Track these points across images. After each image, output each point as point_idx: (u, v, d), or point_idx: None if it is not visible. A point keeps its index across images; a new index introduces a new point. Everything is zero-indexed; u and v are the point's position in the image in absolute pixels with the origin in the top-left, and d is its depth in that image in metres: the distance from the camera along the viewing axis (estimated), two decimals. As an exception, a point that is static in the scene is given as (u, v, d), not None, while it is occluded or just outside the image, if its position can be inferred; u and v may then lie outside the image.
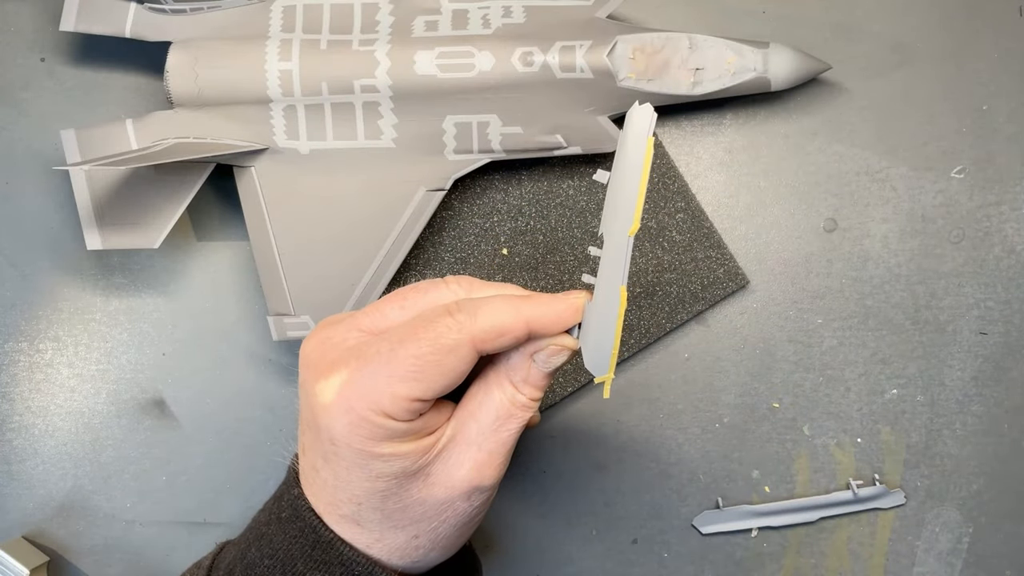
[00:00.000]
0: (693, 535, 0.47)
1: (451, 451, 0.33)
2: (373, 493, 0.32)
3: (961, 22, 0.47)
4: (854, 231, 0.47)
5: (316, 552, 0.34)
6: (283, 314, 0.44)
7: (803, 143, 0.47)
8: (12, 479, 0.47)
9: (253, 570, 0.35)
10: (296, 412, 0.47)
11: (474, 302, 0.32)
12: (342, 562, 0.34)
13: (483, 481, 0.33)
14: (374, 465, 0.32)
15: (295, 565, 0.34)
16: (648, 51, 0.42)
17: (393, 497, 0.33)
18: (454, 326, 0.31)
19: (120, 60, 0.47)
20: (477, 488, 0.33)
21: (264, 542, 0.35)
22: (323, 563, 0.34)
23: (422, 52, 0.42)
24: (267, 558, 0.34)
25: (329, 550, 0.34)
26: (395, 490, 0.32)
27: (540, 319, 0.32)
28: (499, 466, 0.34)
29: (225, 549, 0.38)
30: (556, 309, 0.32)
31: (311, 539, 0.34)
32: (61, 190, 0.47)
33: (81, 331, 0.47)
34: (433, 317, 0.31)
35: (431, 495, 0.33)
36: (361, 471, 0.32)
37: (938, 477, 0.47)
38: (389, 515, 0.33)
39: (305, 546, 0.34)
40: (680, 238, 0.46)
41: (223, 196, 0.47)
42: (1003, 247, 0.46)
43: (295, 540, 0.34)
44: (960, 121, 0.46)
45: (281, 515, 0.35)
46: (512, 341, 0.32)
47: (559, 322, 0.32)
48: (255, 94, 0.42)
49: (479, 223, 0.46)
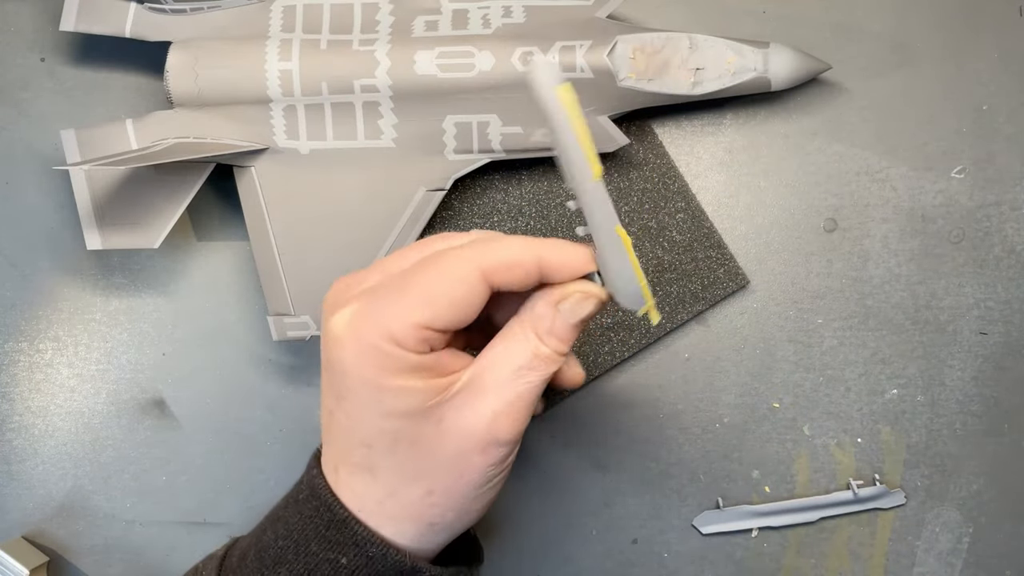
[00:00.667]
0: (693, 535, 0.47)
1: (466, 398, 0.32)
2: (384, 433, 0.32)
3: (961, 22, 0.47)
4: (854, 231, 0.47)
5: (330, 532, 0.33)
6: (283, 314, 0.44)
7: (803, 143, 0.47)
8: (12, 479, 0.47)
9: (267, 552, 0.34)
10: (296, 412, 0.47)
11: (487, 236, 0.33)
12: (356, 542, 0.33)
13: (499, 434, 0.32)
14: (385, 399, 0.31)
15: (309, 545, 0.34)
16: (648, 51, 0.42)
17: (404, 441, 0.32)
18: (464, 256, 0.31)
19: (120, 60, 0.47)
20: (493, 441, 0.32)
21: (279, 524, 0.35)
22: (337, 543, 0.33)
23: (422, 52, 0.42)
24: (281, 539, 0.34)
25: (343, 529, 0.33)
26: (407, 432, 0.32)
27: (551, 257, 0.32)
28: (516, 420, 0.32)
29: (238, 541, 0.38)
30: (568, 251, 0.32)
31: (326, 518, 0.34)
32: (61, 190, 0.47)
33: (81, 331, 0.47)
34: (446, 250, 0.32)
35: (444, 443, 0.32)
36: (372, 408, 0.32)
37: (938, 477, 0.47)
38: (401, 463, 0.32)
39: (320, 526, 0.34)
40: (680, 238, 0.46)
41: (223, 196, 0.47)
42: (1003, 247, 0.46)
43: (310, 520, 0.34)
44: (960, 121, 0.46)
45: (299, 496, 0.35)
46: (523, 276, 0.32)
47: (571, 263, 0.32)
48: (255, 94, 0.42)
49: (479, 223, 0.46)
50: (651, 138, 0.46)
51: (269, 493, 0.47)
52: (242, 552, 0.36)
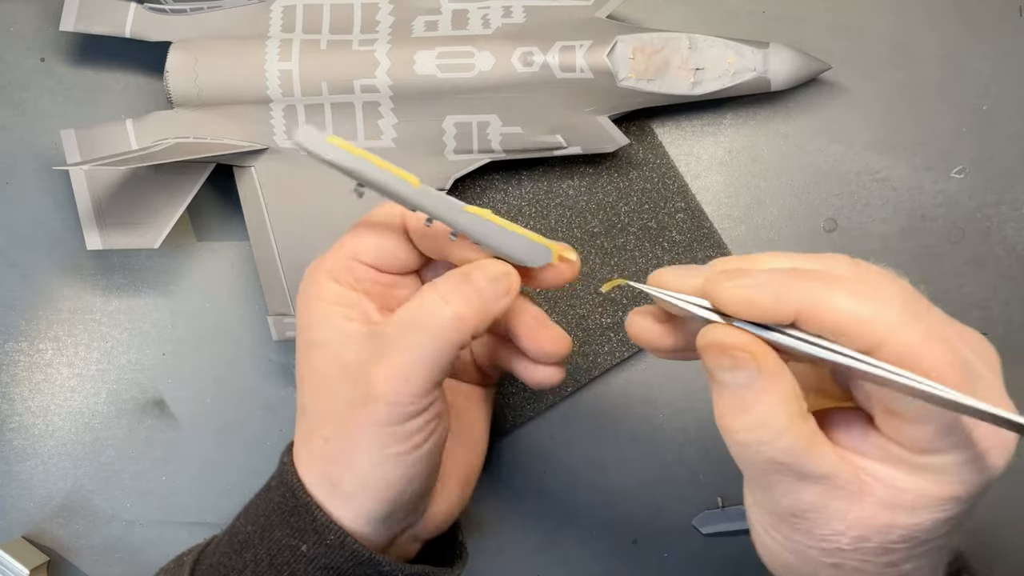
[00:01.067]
0: (693, 535, 0.47)
1: (365, 346, 0.33)
2: (308, 368, 0.34)
3: (961, 22, 0.47)
4: (854, 231, 0.47)
5: (293, 518, 0.34)
6: (283, 314, 0.44)
7: (803, 143, 0.47)
8: (12, 479, 0.47)
9: (237, 536, 0.35)
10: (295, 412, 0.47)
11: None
12: (315, 529, 0.33)
13: (378, 387, 0.31)
14: (310, 330, 0.34)
15: (273, 532, 0.34)
16: (648, 51, 0.42)
17: (318, 379, 0.34)
18: (385, 205, 0.35)
19: (120, 60, 0.47)
20: (373, 395, 0.31)
21: (249, 510, 0.36)
22: (299, 530, 0.33)
23: (422, 52, 0.42)
24: (250, 524, 0.35)
25: (304, 515, 0.33)
26: (319, 369, 0.34)
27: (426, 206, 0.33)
28: (400, 378, 0.31)
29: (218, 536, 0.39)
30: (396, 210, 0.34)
31: (290, 504, 0.34)
32: (61, 190, 0.47)
33: (81, 331, 0.47)
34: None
35: (340, 389, 0.33)
36: (301, 339, 0.35)
37: (938, 477, 0.47)
38: (314, 402, 0.34)
39: (284, 511, 0.34)
40: (680, 238, 0.46)
41: (223, 196, 0.47)
42: (1003, 247, 0.46)
43: (277, 507, 0.34)
44: (960, 121, 0.46)
45: (271, 484, 0.36)
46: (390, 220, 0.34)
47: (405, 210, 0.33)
48: (255, 94, 0.42)
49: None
50: (651, 138, 0.46)
51: (269, 493, 0.47)
52: (219, 539, 0.37)
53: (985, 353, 0.28)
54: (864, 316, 0.25)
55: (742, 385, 0.27)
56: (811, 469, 0.26)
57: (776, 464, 0.27)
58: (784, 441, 0.26)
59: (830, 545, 0.28)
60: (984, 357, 0.28)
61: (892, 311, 0.25)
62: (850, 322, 0.25)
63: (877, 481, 0.27)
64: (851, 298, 0.25)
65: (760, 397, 0.26)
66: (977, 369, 0.27)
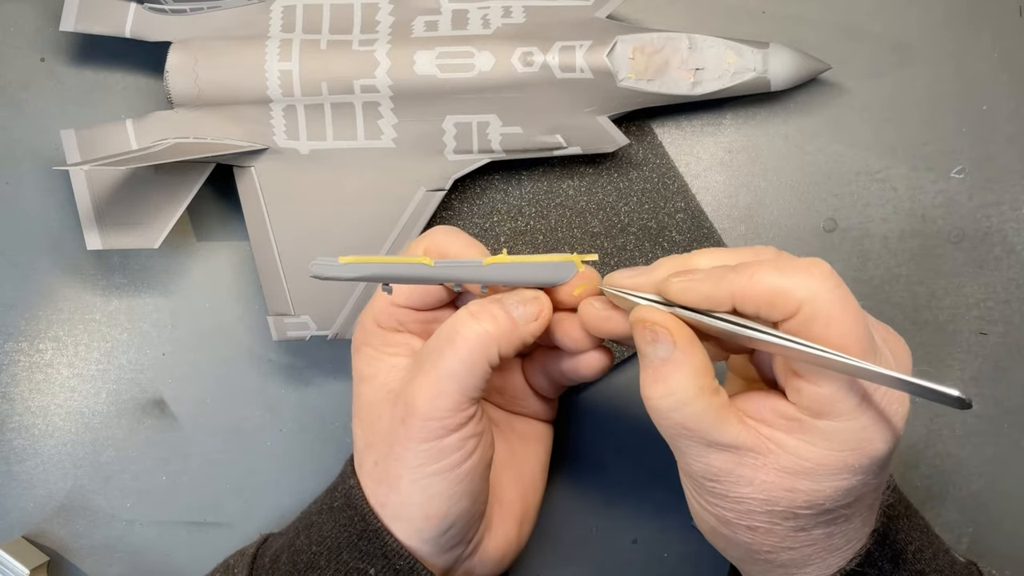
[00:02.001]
0: (693, 535, 0.47)
1: (407, 369, 0.36)
2: (358, 398, 0.37)
3: (961, 22, 0.47)
4: (854, 231, 0.47)
5: (362, 542, 0.35)
6: (283, 314, 0.44)
7: (803, 143, 0.47)
8: (12, 479, 0.47)
9: (300, 556, 0.36)
10: (295, 412, 0.47)
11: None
12: (385, 554, 0.34)
13: (415, 403, 0.33)
14: (359, 364, 0.37)
15: (340, 554, 0.35)
16: (648, 51, 0.42)
17: (367, 406, 0.36)
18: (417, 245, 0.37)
19: (120, 60, 0.47)
20: (411, 411, 0.33)
21: (313, 530, 0.36)
22: (367, 554, 0.34)
23: (422, 52, 0.42)
24: (315, 544, 0.36)
25: (375, 540, 0.34)
26: (367, 397, 0.36)
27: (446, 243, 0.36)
28: (434, 394, 0.33)
29: (269, 539, 0.39)
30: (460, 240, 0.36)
31: (359, 528, 0.35)
32: (61, 190, 0.47)
33: (81, 331, 0.47)
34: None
35: (384, 412, 0.35)
36: (356, 376, 0.38)
37: (938, 477, 0.47)
38: (364, 429, 0.36)
39: (352, 535, 0.35)
40: (680, 238, 0.46)
41: (223, 196, 0.47)
42: (1003, 247, 0.46)
43: (344, 528, 0.35)
44: (960, 121, 0.46)
45: (333, 504, 0.36)
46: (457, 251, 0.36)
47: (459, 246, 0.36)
48: (255, 94, 0.42)
49: (479, 223, 0.46)
50: (651, 138, 0.46)
51: (269, 493, 0.47)
52: (275, 554, 0.37)
53: (899, 351, 0.32)
54: (786, 286, 0.29)
55: (660, 358, 0.31)
56: (717, 436, 0.30)
57: (685, 429, 0.30)
58: (691, 408, 0.30)
59: (742, 507, 0.31)
60: (898, 354, 0.31)
61: (812, 280, 0.29)
62: (775, 293, 0.29)
63: (781, 449, 0.30)
64: (774, 273, 0.29)
65: (674, 369, 0.30)
66: (887, 356, 0.30)
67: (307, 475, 0.47)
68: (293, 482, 0.47)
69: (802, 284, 0.28)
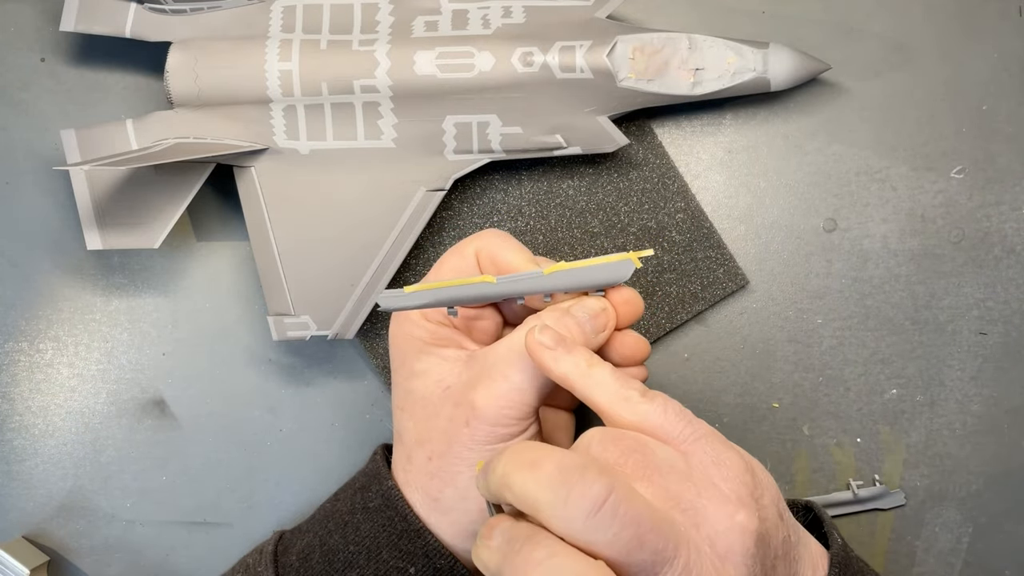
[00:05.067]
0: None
1: (465, 369, 0.36)
2: (407, 394, 0.37)
3: (961, 22, 0.47)
4: (854, 231, 0.47)
5: (403, 542, 0.36)
6: (283, 314, 0.44)
7: (803, 143, 0.47)
8: (12, 479, 0.47)
9: (336, 556, 0.36)
10: (295, 412, 0.47)
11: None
12: (426, 553, 0.35)
13: (479, 406, 0.34)
14: (407, 360, 0.38)
15: (380, 553, 0.36)
16: (648, 51, 0.42)
17: (418, 402, 0.37)
18: (465, 243, 0.38)
19: (120, 60, 0.47)
20: (474, 413, 0.34)
21: (349, 530, 0.37)
22: (408, 553, 0.35)
23: (422, 52, 0.42)
24: (352, 544, 0.36)
25: (416, 539, 0.35)
26: (419, 392, 0.37)
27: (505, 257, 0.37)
28: (498, 397, 0.34)
29: (285, 537, 0.39)
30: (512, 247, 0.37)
31: (399, 528, 0.36)
32: (61, 190, 0.47)
33: (81, 331, 0.47)
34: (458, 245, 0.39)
35: (442, 409, 0.36)
36: (400, 371, 0.38)
37: (938, 477, 0.47)
38: (416, 424, 0.37)
39: (393, 535, 0.36)
40: (680, 238, 0.46)
41: (223, 196, 0.47)
42: (1003, 247, 0.46)
43: (383, 529, 0.36)
44: (960, 121, 0.46)
45: (368, 505, 0.37)
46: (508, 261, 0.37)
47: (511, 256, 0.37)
48: (255, 94, 0.42)
49: (479, 223, 0.46)
50: (651, 138, 0.46)
51: (269, 493, 0.47)
52: (302, 552, 0.38)
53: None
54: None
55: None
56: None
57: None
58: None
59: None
60: None
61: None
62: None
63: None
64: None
65: None
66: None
67: (307, 475, 0.47)
68: (293, 482, 0.47)
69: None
